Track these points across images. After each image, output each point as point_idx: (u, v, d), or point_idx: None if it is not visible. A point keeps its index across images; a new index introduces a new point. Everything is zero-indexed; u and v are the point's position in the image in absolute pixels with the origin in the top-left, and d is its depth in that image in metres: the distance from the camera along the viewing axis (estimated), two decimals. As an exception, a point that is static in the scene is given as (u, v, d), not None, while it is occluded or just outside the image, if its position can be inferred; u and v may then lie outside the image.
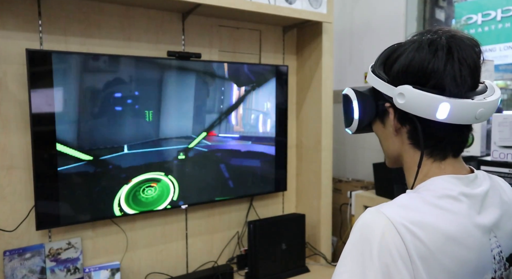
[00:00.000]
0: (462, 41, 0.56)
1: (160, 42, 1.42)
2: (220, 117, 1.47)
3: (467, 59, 0.55)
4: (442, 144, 0.59)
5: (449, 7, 1.89)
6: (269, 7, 1.42)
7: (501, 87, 1.99)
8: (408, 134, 0.60)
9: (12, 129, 1.18)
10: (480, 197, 0.58)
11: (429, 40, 0.57)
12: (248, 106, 1.54)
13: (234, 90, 1.50)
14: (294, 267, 1.58)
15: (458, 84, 0.54)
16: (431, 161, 0.59)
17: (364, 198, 1.65)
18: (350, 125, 0.67)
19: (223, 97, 1.48)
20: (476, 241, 0.54)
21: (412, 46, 0.58)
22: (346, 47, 2.01)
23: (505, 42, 1.80)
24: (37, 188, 1.15)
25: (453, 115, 0.54)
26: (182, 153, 1.39)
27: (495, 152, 1.14)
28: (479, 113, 0.55)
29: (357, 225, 0.54)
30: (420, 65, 0.56)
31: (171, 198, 1.39)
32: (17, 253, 1.18)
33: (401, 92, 0.56)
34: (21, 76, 1.17)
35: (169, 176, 1.37)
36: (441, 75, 0.54)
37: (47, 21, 1.21)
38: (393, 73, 0.59)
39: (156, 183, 1.34)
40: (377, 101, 0.63)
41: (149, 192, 1.33)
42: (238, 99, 1.51)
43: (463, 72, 0.54)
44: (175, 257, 1.51)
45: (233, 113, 1.51)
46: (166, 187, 1.37)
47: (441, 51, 0.55)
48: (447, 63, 0.54)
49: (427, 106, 0.54)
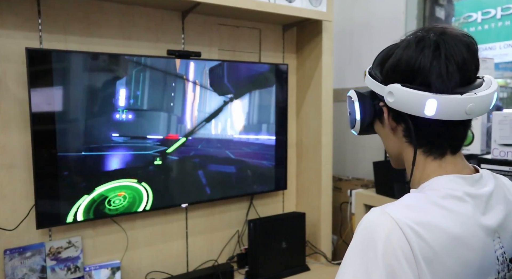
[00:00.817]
0: (452, 37, 0.56)
1: (160, 41, 1.41)
2: (222, 116, 1.47)
3: (454, 55, 0.55)
4: (438, 141, 0.59)
5: (449, 5, 1.89)
6: (269, 6, 1.42)
7: (501, 85, 1.99)
8: (404, 132, 0.61)
9: (12, 128, 1.18)
10: (485, 197, 0.57)
11: (418, 38, 0.58)
12: (247, 105, 1.54)
13: (233, 89, 1.50)
14: (294, 266, 1.58)
15: (444, 80, 0.55)
16: (430, 159, 0.60)
17: (364, 196, 1.65)
18: (353, 126, 0.68)
19: (222, 95, 1.47)
20: (480, 242, 0.54)
21: (402, 44, 0.59)
22: (346, 46, 2.01)
23: (505, 40, 1.80)
24: (37, 187, 1.15)
25: (442, 111, 0.54)
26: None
27: (495, 150, 1.14)
28: (469, 108, 0.55)
29: (361, 225, 0.53)
30: (407, 63, 0.57)
31: (144, 206, 1.31)
32: (17, 252, 1.18)
33: (390, 91, 0.57)
34: (21, 75, 1.17)
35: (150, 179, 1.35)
36: (427, 72, 0.55)
37: (47, 20, 1.21)
38: (384, 72, 0.60)
39: (125, 192, 1.24)
40: (374, 101, 0.64)
41: (117, 202, 1.24)
42: (238, 97, 1.51)
43: (449, 68, 0.55)
44: (176, 255, 1.51)
45: (233, 112, 1.51)
46: (139, 195, 1.27)
47: (427, 49, 0.56)
48: (434, 60, 0.55)
49: (415, 103, 0.55)
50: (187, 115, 1.40)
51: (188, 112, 1.40)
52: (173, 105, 1.36)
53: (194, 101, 1.41)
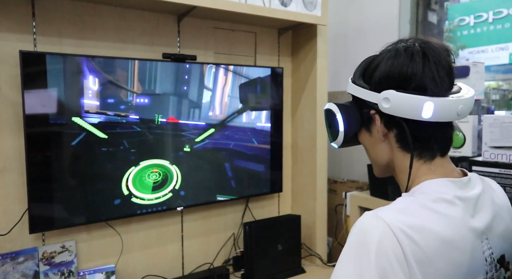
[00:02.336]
0: (434, 46, 0.60)
1: (156, 44, 1.41)
2: (223, 118, 1.48)
3: (441, 61, 0.59)
4: (429, 144, 0.61)
5: (441, 9, 1.92)
6: (264, 10, 1.43)
7: (493, 87, 2.02)
8: (396, 137, 0.62)
9: (5, 131, 1.17)
10: (474, 200, 0.59)
11: (404, 47, 0.60)
12: (243, 108, 1.54)
13: (229, 92, 1.50)
14: (290, 268, 1.58)
15: (437, 84, 0.58)
16: (421, 162, 0.61)
17: (359, 198, 1.66)
18: (335, 138, 0.68)
19: (220, 99, 1.48)
20: (470, 244, 0.55)
21: (388, 54, 0.61)
22: (341, 49, 2.03)
23: (497, 44, 1.83)
24: (30, 191, 1.14)
25: (437, 113, 0.57)
26: (187, 146, 1.41)
27: (486, 152, 1.15)
28: (460, 110, 0.58)
29: (355, 228, 0.54)
30: (400, 70, 0.59)
31: (172, 186, 1.40)
32: (9, 257, 1.17)
33: (386, 97, 0.59)
34: (14, 78, 1.16)
35: (173, 165, 1.39)
36: (421, 77, 0.58)
37: (41, 22, 1.21)
38: (375, 81, 0.62)
39: (159, 169, 1.37)
40: (361, 110, 0.66)
41: (153, 177, 1.36)
42: (233, 101, 1.51)
43: (440, 73, 0.58)
44: (171, 259, 1.50)
45: (230, 115, 1.51)
46: (170, 174, 1.39)
47: (417, 56, 0.58)
48: (425, 65, 0.58)
49: (412, 107, 0.57)
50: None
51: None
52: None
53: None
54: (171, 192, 1.40)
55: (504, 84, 2.03)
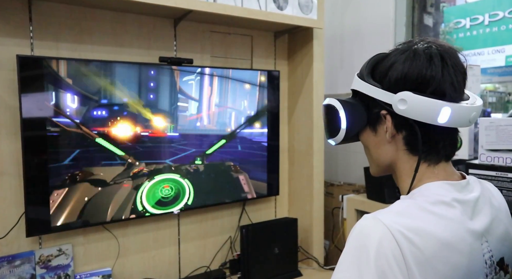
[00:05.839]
0: (449, 49, 0.59)
1: (152, 48, 1.42)
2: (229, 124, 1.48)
3: (458, 65, 0.58)
4: (437, 148, 0.60)
5: (436, 12, 1.93)
6: (260, 13, 1.43)
7: (489, 90, 2.03)
8: (405, 140, 0.61)
9: (2, 134, 1.18)
10: (472, 203, 0.59)
11: (422, 48, 0.59)
12: (240, 112, 1.55)
13: (225, 96, 1.51)
14: (287, 271, 1.58)
15: (456, 89, 0.57)
16: (425, 165, 0.61)
17: (356, 201, 1.67)
18: (335, 135, 0.67)
19: (216, 107, 1.48)
20: (469, 247, 0.55)
21: (405, 54, 0.59)
22: (337, 53, 2.03)
23: (493, 46, 1.84)
24: (27, 195, 1.14)
25: (453, 119, 0.56)
26: (199, 159, 1.44)
27: (482, 155, 1.16)
28: (472, 117, 0.58)
29: (354, 231, 0.54)
30: (419, 72, 0.57)
31: (185, 202, 1.43)
32: (6, 260, 1.17)
33: (402, 98, 0.57)
34: (11, 82, 1.17)
35: (185, 179, 1.42)
36: (440, 81, 0.57)
37: (38, 27, 1.21)
38: (390, 81, 0.59)
39: (170, 184, 1.40)
40: (370, 109, 0.63)
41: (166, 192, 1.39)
42: (230, 104, 1.52)
43: (458, 77, 0.57)
44: (168, 262, 1.50)
45: (229, 119, 1.51)
46: (182, 189, 1.42)
47: (436, 58, 0.57)
48: (443, 69, 0.57)
49: (429, 111, 0.56)
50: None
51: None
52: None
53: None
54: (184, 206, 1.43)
55: (500, 86, 2.04)
